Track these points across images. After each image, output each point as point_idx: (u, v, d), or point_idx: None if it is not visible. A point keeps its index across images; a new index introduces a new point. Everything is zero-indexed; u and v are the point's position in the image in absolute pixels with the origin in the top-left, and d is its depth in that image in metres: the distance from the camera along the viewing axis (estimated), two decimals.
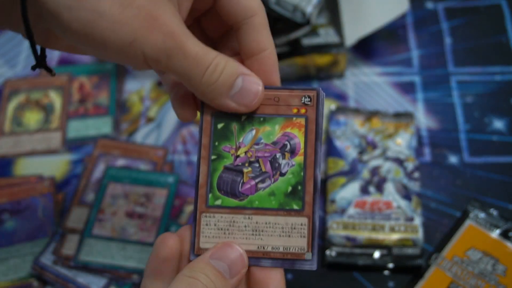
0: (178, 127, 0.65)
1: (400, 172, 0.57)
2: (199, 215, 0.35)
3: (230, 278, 0.33)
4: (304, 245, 0.34)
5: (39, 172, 0.62)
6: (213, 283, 0.32)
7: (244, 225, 0.35)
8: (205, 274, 0.32)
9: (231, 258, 0.33)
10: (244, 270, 0.34)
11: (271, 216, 0.34)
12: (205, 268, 0.33)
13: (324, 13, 0.66)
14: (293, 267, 0.34)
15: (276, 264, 0.34)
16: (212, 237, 0.35)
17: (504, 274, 0.50)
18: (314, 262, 0.34)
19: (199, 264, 0.33)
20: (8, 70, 0.71)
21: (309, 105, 0.35)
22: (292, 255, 0.34)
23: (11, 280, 0.54)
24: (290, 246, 0.34)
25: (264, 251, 0.34)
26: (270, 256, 0.34)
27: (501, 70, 0.65)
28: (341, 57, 0.64)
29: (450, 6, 0.71)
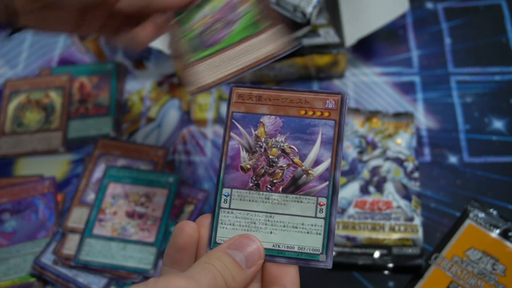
0: (179, 127, 0.65)
1: (400, 172, 0.57)
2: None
3: (246, 268, 0.33)
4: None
5: (39, 172, 0.62)
6: (229, 270, 0.32)
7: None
8: (221, 262, 0.32)
9: (248, 249, 0.34)
10: (260, 261, 0.34)
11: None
12: (222, 256, 0.33)
13: (324, 13, 0.66)
14: (307, 265, 0.34)
15: (291, 262, 0.34)
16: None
17: (503, 274, 0.50)
18: (329, 262, 0.34)
19: (217, 252, 0.33)
20: (9, 70, 0.71)
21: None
22: (306, 255, 0.34)
23: (12, 280, 0.54)
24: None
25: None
26: (285, 255, 0.34)
27: (501, 70, 0.65)
28: (341, 57, 0.64)
29: (450, 6, 0.71)
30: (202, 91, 0.42)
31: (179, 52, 0.44)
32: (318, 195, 0.35)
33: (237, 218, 0.35)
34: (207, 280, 0.31)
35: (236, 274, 0.33)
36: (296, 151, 0.36)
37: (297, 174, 0.35)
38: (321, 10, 0.65)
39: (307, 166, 0.35)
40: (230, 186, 0.36)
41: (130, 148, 0.62)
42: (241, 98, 0.37)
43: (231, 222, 0.35)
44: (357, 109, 0.62)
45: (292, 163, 0.35)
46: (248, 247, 0.34)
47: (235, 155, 0.36)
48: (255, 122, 0.36)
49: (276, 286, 0.34)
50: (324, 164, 0.35)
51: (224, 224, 0.35)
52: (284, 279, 0.34)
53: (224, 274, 0.32)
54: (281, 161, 0.36)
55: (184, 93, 0.67)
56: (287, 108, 0.36)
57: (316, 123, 0.36)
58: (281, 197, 0.35)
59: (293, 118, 0.36)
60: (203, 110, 0.66)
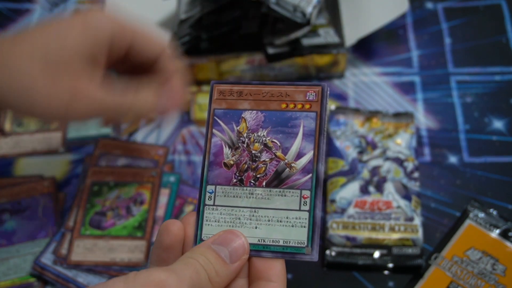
0: (178, 127, 0.65)
1: (400, 172, 0.57)
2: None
3: (230, 263, 0.33)
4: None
5: (39, 172, 0.62)
6: (212, 265, 0.32)
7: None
8: (205, 256, 0.32)
9: (232, 244, 0.34)
10: (245, 256, 0.34)
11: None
12: (205, 252, 0.33)
13: (324, 13, 0.66)
14: (293, 258, 0.34)
15: (276, 256, 0.34)
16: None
17: (503, 274, 0.50)
18: (314, 255, 0.34)
19: (200, 248, 0.33)
20: None
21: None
22: (292, 248, 0.34)
23: (12, 280, 0.54)
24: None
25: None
26: (271, 250, 0.34)
27: (501, 70, 0.65)
28: (341, 57, 0.64)
29: (449, 6, 0.71)
30: (70, 264, 0.52)
31: None
32: (301, 187, 0.35)
33: (222, 214, 0.35)
34: (189, 273, 0.31)
35: (219, 269, 0.32)
36: (278, 145, 0.35)
37: (280, 168, 0.35)
38: (321, 10, 0.65)
39: (289, 160, 0.35)
40: (214, 183, 0.36)
41: (130, 147, 0.62)
42: (222, 95, 0.37)
43: (216, 219, 0.35)
44: (357, 109, 0.62)
45: (275, 157, 0.35)
46: (233, 242, 0.34)
47: (218, 152, 0.36)
48: (237, 117, 0.37)
49: (263, 280, 0.34)
50: (307, 157, 0.35)
51: (209, 221, 0.35)
52: (270, 273, 0.34)
53: (207, 269, 0.32)
54: (264, 156, 0.36)
55: (184, 93, 0.67)
56: (268, 102, 0.36)
57: (297, 116, 0.36)
58: (265, 191, 0.35)
59: (275, 112, 0.36)
60: (203, 110, 0.66)
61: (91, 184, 0.58)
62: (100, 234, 0.55)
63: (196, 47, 0.64)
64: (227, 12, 0.63)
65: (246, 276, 0.35)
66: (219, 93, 0.37)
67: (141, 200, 0.57)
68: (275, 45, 0.63)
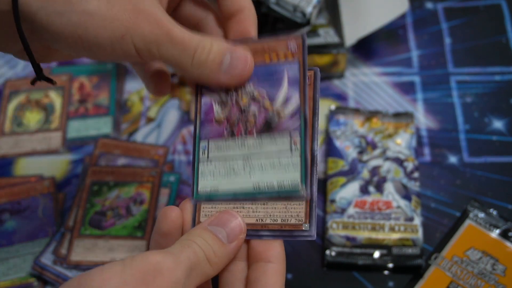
0: (178, 127, 0.65)
1: (400, 172, 0.57)
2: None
3: (228, 243, 0.33)
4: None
5: (39, 172, 0.62)
6: (210, 245, 0.32)
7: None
8: (202, 238, 0.33)
9: (229, 224, 0.34)
10: (242, 236, 0.34)
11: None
12: (202, 233, 0.33)
13: (324, 13, 0.66)
14: (292, 237, 0.34)
15: (275, 235, 0.34)
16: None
17: (503, 274, 0.50)
18: (312, 232, 0.34)
19: (197, 229, 0.33)
20: (9, 70, 0.71)
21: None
22: (290, 226, 0.34)
23: (11, 280, 0.54)
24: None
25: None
26: (269, 228, 0.34)
27: (501, 70, 0.65)
28: (341, 57, 0.64)
29: (449, 6, 0.71)
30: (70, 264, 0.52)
31: None
32: (291, 131, 0.35)
33: (216, 167, 0.36)
34: (186, 255, 0.31)
35: (217, 249, 0.33)
36: (265, 96, 0.36)
37: (269, 117, 0.36)
38: (321, 10, 0.65)
39: (277, 107, 0.36)
40: (207, 138, 0.37)
41: (130, 147, 0.62)
42: None
43: (211, 172, 0.36)
44: (357, 109, 0.62)
45: (263, 107, 0.36)
46: (229, 222, 0.34)
47: (208, 110, 0.37)
48: None
49: (262, 261, 0.34)
50: (293, 102, 0.36)
51: (205, 175, 0.36)
52: (269, 254, 0.34)
53: (205, 250, 0.32)
54: (252, 107, 0.36)
55: (184, 93, 0.67)
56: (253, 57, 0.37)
57: (280, 66, 0.37)
58: (256, 140, 0.36)
59: (260, 66, 0.37)
60: None
61: (91, 183, 0.58)
62: (100, 234, 0.55)
63: None
64: None
65: (245, 258, 0.35)
66: None
67: (141, 200, 0.57)
68: None
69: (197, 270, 0.31)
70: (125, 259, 0.30)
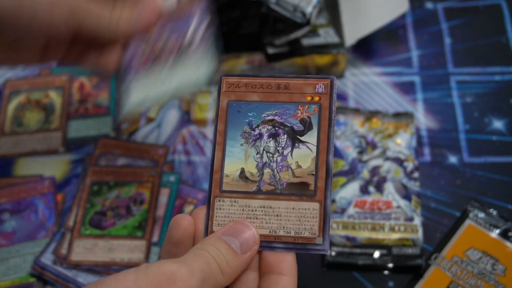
0: (178, 127, 0.65)
1: (400, 172, 0.57)
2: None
3: (241, 254, 0.33)
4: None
5: (39, 172, 0.62)
6: (223, 256, 0.32)
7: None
8: (215, 247, 0.32)
9: (243, 235, 0.34)
10: (255, 247, 0.34)
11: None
12: (216, 243, 0.33)
13: (324, 13, 0.66)
14: (305, 250, 0.34)
15: (288, 248, 0.34)
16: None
17: (503, 274, 0.50)
18: (326, 246, 0.34)
19: (211, 239, 0.33)
20: (9, 70, 0.71)
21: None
22: (303, 239, 0.34)
23: (11, 280, 0.54)
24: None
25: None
26: (282, 240, 0.34)
27: (501, 70, 0.65)
28: (341, 57, 0.64)
29: (449, 6, 0.71)
30: (70, 264, 0.53)
31: None
32: None
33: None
34: (200, 265, 0.31)
35: (230, 260, 0.32)
36: None
37: None
38: (321, 10, 0.65)
39: None
40: None
41: (130, 147, 0.62)
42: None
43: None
44: (357, 109, 0.62)
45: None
46: (243, 233, 0.34)
47: None
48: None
49: (274, 273, 0.34)
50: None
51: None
52: (281, 266, 0.34)
53: (218, 260, 0.32)
54: None
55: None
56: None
57: None
58: None
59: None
60: (203, 110, 0.66)
61: (91, 183, 0.58)
62: (100, 234, 0.55)
63: None
64: (227, 12, 0.63)
65: (257, 269, 0.35)
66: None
67: (141, 199, 0.57)
68: (275, 45, 0.63)
69: (210, 280, 0.31)
70: (140, 268, 0.30)
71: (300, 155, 0.36)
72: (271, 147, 0.36)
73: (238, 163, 0.36)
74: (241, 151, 0.36)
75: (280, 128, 0.36)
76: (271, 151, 0.36)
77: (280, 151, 0.36)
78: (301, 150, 0.36)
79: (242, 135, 0.37)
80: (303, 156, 0.36)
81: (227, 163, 0.36)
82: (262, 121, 0.36)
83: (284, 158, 0.36)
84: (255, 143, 0.36)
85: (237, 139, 0.36)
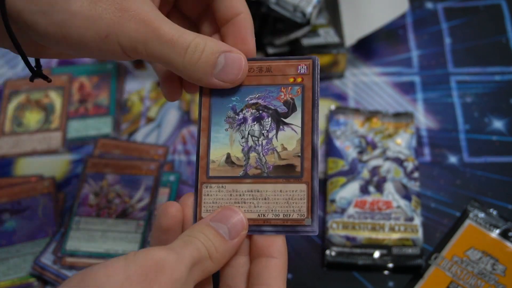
0: (178, 127, 0.65)
1: (400, 172, 0.57)
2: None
3: (230, 240, 0.33)
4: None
5: (39, 172, 0.62)
6: (212, 242, 0.32)
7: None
8: (204, 234, 0.33)
9: (231, 220, 0.34)
10: (244, 232, 0.34)
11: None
12: (204, 229, 0.33)
13: (324, 13, 0.66)
14: (295, 232, 0.34)
15: (278, 230, 0.34)
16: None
17: (503, 274, 0.50)
18: (315, 228, 0.34)
19: (199, 226, 0.33)
20: (9, 70, 0.71)
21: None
22: (292, 221, 0.34)
23: (11, 280, 0.54)
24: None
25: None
26: (271, 223, 0.34)
27: (501, 70, 0.65)
28: (341, 57, 0.64)
29: (449, 6, 0.71)
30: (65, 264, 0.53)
31: None
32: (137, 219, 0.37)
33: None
34: (188, 252, 0.31)
35: (219, 246, 0.33)
36: (126, 194, 0.40)
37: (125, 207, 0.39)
38: (321, 10, 0.65)
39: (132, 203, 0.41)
40: None
41: (130, 147, 0.62)
42: None
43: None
44: (357, 109, 0.62)
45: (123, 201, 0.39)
46: (231, 218, 0.34)
47: None
48: None
49: (264, 257, 0.34)
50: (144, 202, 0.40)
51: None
52: (271, 249, 0.34)
53: (207, 246, 0.32)
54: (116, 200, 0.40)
55: (184, 93, 0.67)
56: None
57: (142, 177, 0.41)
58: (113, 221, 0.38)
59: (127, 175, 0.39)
60: None
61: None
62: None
63: None
64: None
65: (248, 253, 0.35)
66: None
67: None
68: (275, 45, 0.63)
69: (199, 267, 0.32)
70: (128, 255, 0.30)
71: (285, 138, 0.36)
72: (256, 130, 0.36)
73: (224, 149, 0.36)
74: (226, 136, 0.36)
75: (264, 111, 0.36)
76: (256, 134, 0.36)
77: (265, 134, 0.36)
78: (286, 132, 0.36)
79: (226, 120, 0.36)
80: (288, 138, 0.35)
81: (212, 149, 0.36)
82: (246, 105, 0.36)
83: (269, 141, 0.36)
84: (240, 127, 0.36)
85: (222, 125, 0.36)
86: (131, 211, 0.56)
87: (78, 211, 0.57)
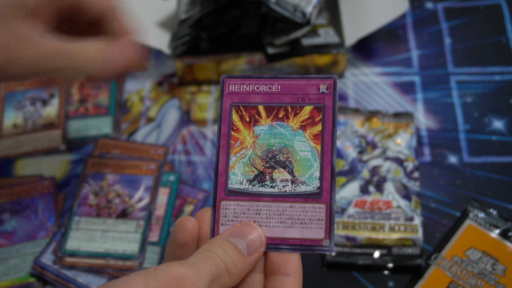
0: (178, 127, 0.65)
1: (400, 172, 0.57)
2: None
3: (248, 255, 0.33)
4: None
5: (39, 172, 0.62)
6: (230, 257, 0.32)
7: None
8: (223, 249, 0.32)
9: (249, 236, 0.34)
10: (262, 248, 0.34)
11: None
12: (223, 244, 0.33)
13: (324, 13, 0.66)
14: (311, 251, 0.34)
15: (294, 250, 0.34)
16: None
17: (503, 274, 0.50)
18: (331, 247, 0.34)
19: (218, 240, 0.33)
20: None
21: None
22: (310, 241, 0.34)
23: (11, 280, 0.54)
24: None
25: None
26: (288, 242, 0.34)
27: (501, 70, 0.65)
28: (341, 57, 0.64)
29: (449, 6, 0.71)
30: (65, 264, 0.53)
31: None
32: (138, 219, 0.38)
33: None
34: (208, 267, 0.31)
35: (237, 261, 0.32)
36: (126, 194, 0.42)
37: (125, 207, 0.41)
38: (321, 10, 0.65)
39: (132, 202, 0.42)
40: None
41: (130, 147, 0.62)
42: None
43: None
44: (357, 109, 0.62)
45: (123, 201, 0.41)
46: (250, 234, 0.34)
47: None
48: None
49: (279, 274, 0.34)
50: None
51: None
52: (287, 267, 0.34)
53: (225, 261, 0.32)
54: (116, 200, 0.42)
55: (184, 93, 0.67)
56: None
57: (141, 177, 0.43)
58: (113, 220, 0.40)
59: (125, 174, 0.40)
60: (203, 110, 0.66)
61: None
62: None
63: (196, 47, 0.64)
64: (227, 12, 0.63)
65: (263, 270, 0.35)
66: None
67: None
68: (275, 45, 0.63)
69: (217, 282, 0.31)
70: (148, 270, 0.30)
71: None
72: None
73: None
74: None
75: None
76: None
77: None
78: None
79: None
80: None
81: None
82: None
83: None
84: None
85: None
86: (131, 211, 0.56)
87: (78, 211, 0.56)
